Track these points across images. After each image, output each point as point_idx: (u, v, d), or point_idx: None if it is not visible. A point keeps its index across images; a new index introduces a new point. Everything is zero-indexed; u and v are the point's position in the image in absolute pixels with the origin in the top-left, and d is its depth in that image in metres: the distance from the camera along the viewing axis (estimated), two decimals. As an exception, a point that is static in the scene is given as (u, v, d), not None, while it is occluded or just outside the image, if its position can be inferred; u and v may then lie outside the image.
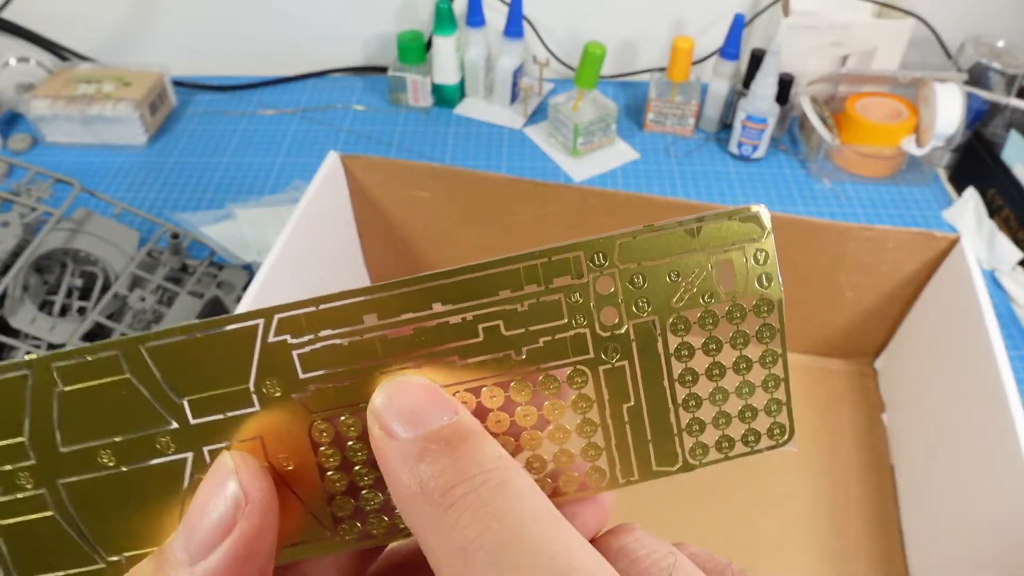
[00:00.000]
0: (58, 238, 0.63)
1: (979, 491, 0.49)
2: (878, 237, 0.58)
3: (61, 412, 0.18)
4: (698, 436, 0.20)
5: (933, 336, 0.59)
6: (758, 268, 0.19)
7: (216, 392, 0.18)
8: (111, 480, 0.18)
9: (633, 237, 0.19)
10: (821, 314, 0.65)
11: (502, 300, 0.18)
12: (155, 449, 0.18)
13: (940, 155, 0.89)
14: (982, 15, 0.98)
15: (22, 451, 0.18)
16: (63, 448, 0.18)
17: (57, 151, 0.93)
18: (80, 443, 0.18)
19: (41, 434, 0.18)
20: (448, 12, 0.92)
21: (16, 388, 0.18)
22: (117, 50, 1.06)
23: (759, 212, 0.19)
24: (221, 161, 0.92)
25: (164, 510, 0.18)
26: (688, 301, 0.19)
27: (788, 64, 0.91)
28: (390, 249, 0.71)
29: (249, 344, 0.18)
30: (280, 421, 0.18)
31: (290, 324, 0.18)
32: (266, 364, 0.18)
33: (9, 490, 0.18)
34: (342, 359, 0.18)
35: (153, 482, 0.18)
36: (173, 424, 0.18)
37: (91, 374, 0.18)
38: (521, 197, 0.63)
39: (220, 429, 0.18)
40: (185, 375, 0.18)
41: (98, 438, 0.18)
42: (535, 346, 0.19)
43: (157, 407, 0.18)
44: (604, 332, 0.19)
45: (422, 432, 0.17)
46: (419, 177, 0.64)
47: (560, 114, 0.92)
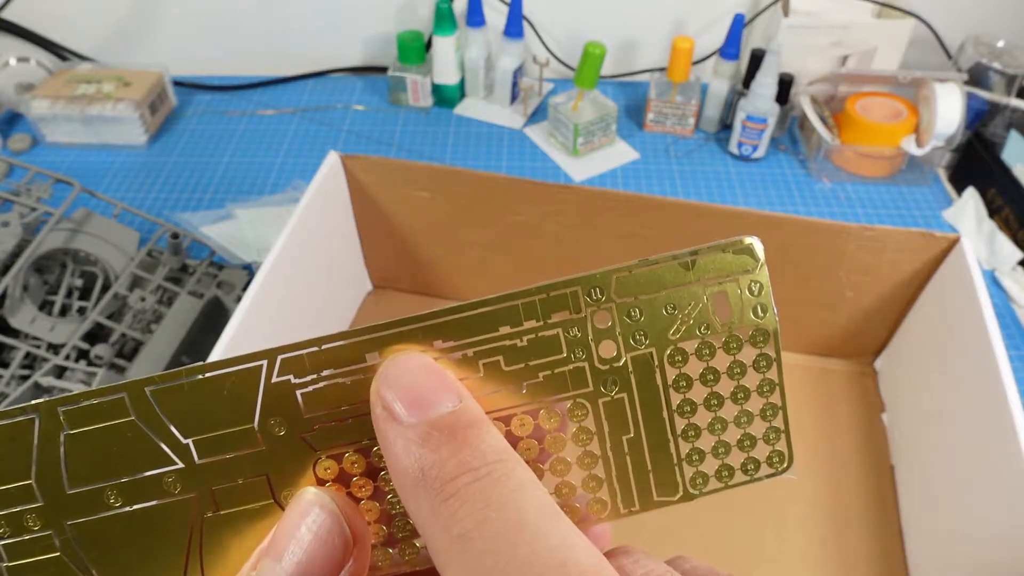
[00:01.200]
0: (58, 238, 0.63)
1: (979, 491, 0.49)
2: (878, 237, 0.58)
3: (67, 454, 0.18)
4: (698, 466, 0.20)
5: (933, 336, 0.59)
6: (753, 299, 0.19)
7: (221, 432, 0.18)
8: (118, 520, 0.18)
9: (629, 271, 0.19)
10: (821, 314, 0.65)
11: (502, 336, 0.19)
12: (161, 489, 0.18)
13: (940, 155, 0.89)
14: (982, 15, 0.98)
15: (29, 493, 0.18)
16: (70, 490, 0.18)
17: (57, 151, 0.93)
18: (87, 484, 0.18)
19: (48, 476, 0.18)
20: (448, 12, 0.92)
21: (23, 431, 0.18)
22: (117, 50, 1.06)
23: (752, 244, 0.19)
24: (221, 161, 0.92)
25: (171, 549, 0.19)
26: (685, 333, 0.19)
27: (788, 64, 0.91)
28: (390, 249, 0.71)
29: (253, 385, 0.18)
30: (285, 459, 0.19)
31: (293, 364, 0.18)
32: (270, 404, 0.18)
33: (17, 531, 0.18)
34: (345, 398, 0.19)
35: (160, 522, 0.18)
36: (179, 464, 0.18)
37: (97, 417, 0.18)
38: (521, 197, 0.63)
39: (226, 468, 0.19)
40: (190, 416, 0.18)
41: (104, 479, 0.18)
42: (535, 381, 0.19)
43: (163, 447, 0.18)
44: (603, 365, 0.19)
45: (426, 418, 0.17)
46: (419, 177, 0.64)
47: (560, 114, 0.92)
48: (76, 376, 0.57)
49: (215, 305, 0.64)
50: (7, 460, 0.18)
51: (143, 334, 0.61)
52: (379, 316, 0.75)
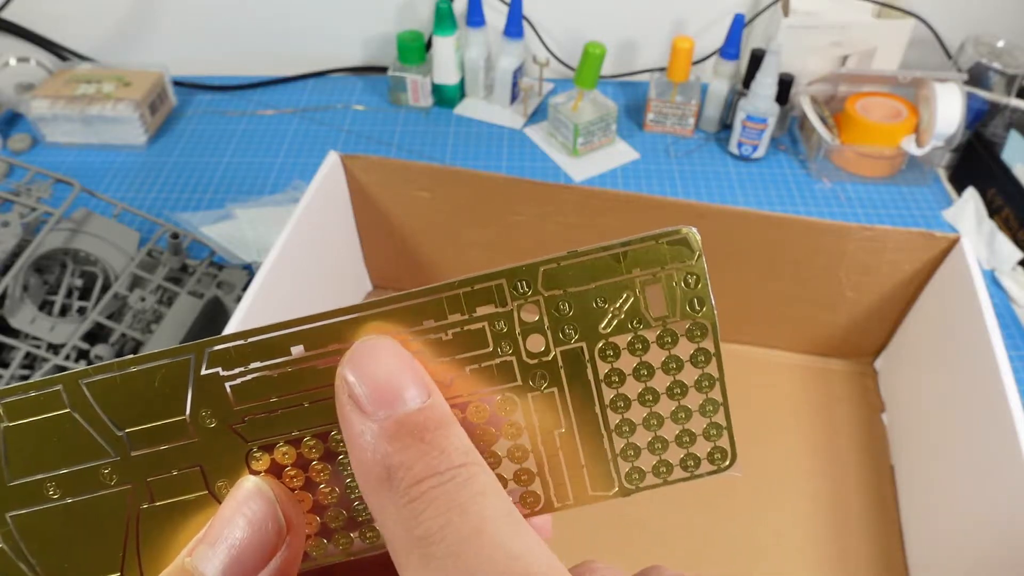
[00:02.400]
0: (58, 238, 0.63)
1: (979, 491, 0.49)
2: (878, 237, 0.58)
3: (7, 446, 0.18)
4: (633, 461, 0.20)
5: (933, 336, 0.59)
6: (689, 292, 0.19)
7: (155, 424, 0.18)
8: (58, 512, 0.18)
9: (557, 263, 0.19)
10: (821, 314, 0.65)
11: (427, 329, 0.19)
12: (98, 481, 0.18)
13: (940, 155, 0.89)
14: (982, 15, 0.98)
15: None
16: (11, 482, 0.18)
17: (57, 151, 0.93)
18: (27, 476, 0.18)
19: None
20: (448, 12, 0.92)
21: None
22: (117, 50, 1.06)
23: (688, 235, 0.19)
24: (221, 161, 0.92)
25: (108, 540, 0.19)
26: (616, 327, 0.19)
27: (788, 64, 0.91)
28: (390, 249, 0.71)
29: (184, 377, 0.18)
30: (218, 451, 0.19)
31: (221, 357, 0.18)
32: (201, 396, 0.18)
33: None
34: (274, 389, 0.18)
35: (98, 514, 0.19)
36: (114, 456, 0.18)
37: (34, 409, 0.18)
38: (521, 197, 0.63)
39: (160, 460, 0.19)
40: (124, 408, 0.18)
41: (44, 471, 0.18)
42: (461, 375, 0.19)
43: (99, 440, 0.18)
44: (531, 359, 0.19)
45: (394, 413, 0.17)
46: (419, 177, 0.64)
47: (560, 114, 0.92)
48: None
49: (215, 305, 0.64)
50: None
51: (143, 334, 0.61)
52: None
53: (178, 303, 0.63)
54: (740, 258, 0.62)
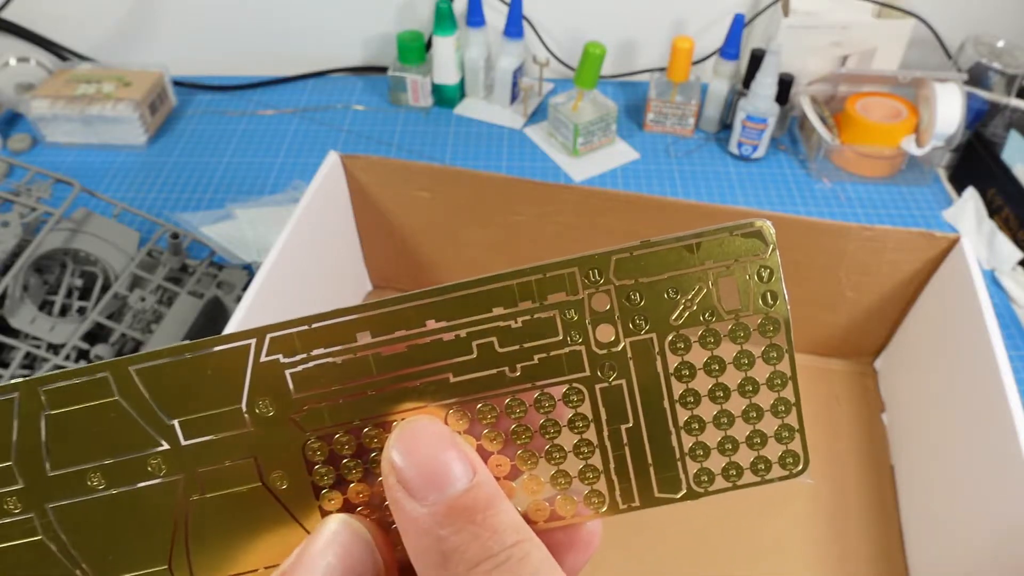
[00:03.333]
0: (58, 238, 0.63)
1: (979, 491, 0.49)
2: (878, 237, 0.58)
3: (49, 435, 0.17)
4: (703, 462, 0.19)
5: (933, 336, 0.59)
6: (762, 286, 0.18)
7: (208, 413, 0.18)
8: (101, 503, 0.18)
9: (630, 253, 0.18)
10: (821, 314, 0.65)
11: (496, 317, 0.18)
12: (146, 471, 0.18)
13: (940, 155, 0.89)
14: (982, 15, 0.98)
15: (10, 475, 0.18)
16: (51, 472, 0.18)
17: (57, 151, 0.93)
18: (68, 466, 0.18)
19: (29, 457, 0.18)
20: (448, 12, 0.92)
21: (3, 412, 0.17)
22: (117, 50, 1.06)
23: (763, 227, 0.18)
24: (221, 161, 0.92)
25: (155, 533, 0.18)
26: (688, 319, 0.18)
27: (788, 64, 0.91)
28: (390, 249, 0.71)
29: (241, 364, 0.18)
30: (274, 441, 0.18)
31: (282, 343, 0.18)
32: (258, 384, 0.18)
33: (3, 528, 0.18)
34: (336, 378, 0.18)
35: (145, 505, 0.18)
36: (164, 445, 0.18)
37: (79, 397, 0.18)
38: (521, 197, 0.63)
39: (212, 450, 0.18)
40: (175, 396, 0.18)
41: (87, 461, 0.18)
42: (530, 363, 0.18)
43: (147, 429, 0.18)
44: (600, 350, 0.18)
45: (443, 497, 0.17)
46: (419, 177, 0.64)
47: (560, 114, 0.92)
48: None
49: (215, 305, 0.64)
50: None
51: (143, 334, 0.61)
52: None
53: (178, 303, 0.63)
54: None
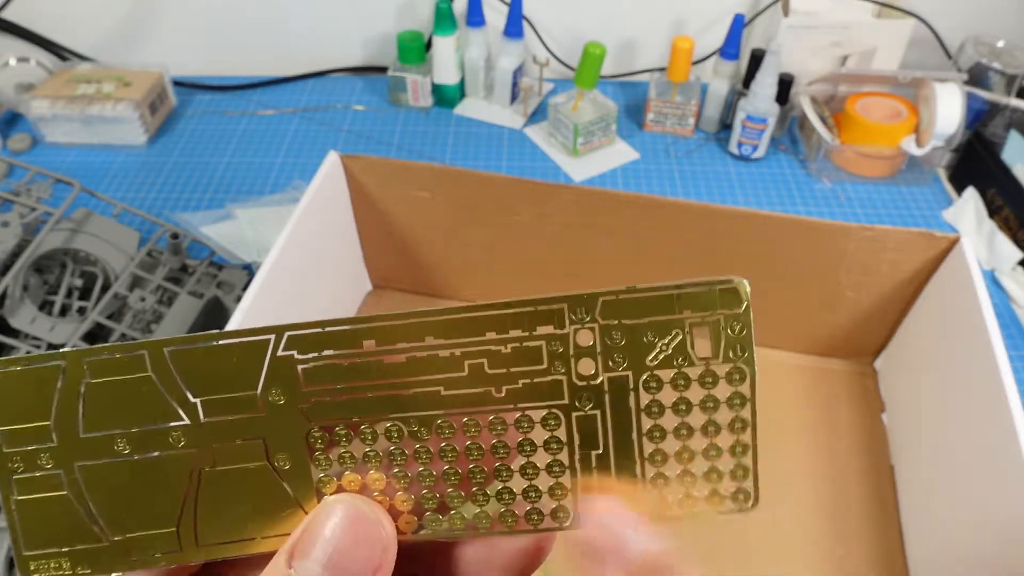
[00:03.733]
0: (58, 238, 0.63)
1: (979, 491, 0.49)
2: (878, 237, 0.58)
3: (86, 401, 0.20)
4: (662, 489, 0.20)
5: (933, 336, 0.59)
6: (733, 338, 0.20)
7: (227, 395, 0.20)
8: (124, 466, 0.20)
9: (616, 296, 0.20)
10: (821, 314, 0.65)
11: (488, 340, 0.20)
12: (167, 442, 0.20)
13: (940, 155, 0.89)
14: (982, 15, 0.98)
15: (46, 434, 0.20)
16: (84, 434, 0.20)
17: (57, 151, 0.93)
18: (99, 431, 0.20)
19: (65, 420, 0.20)
20: (448, 12, 0.92)
21: (49, 376, 0.20)
22: (117, 50, 1.06)
23: (738, 285, 0.20)
24: (221, 161, 0.92)
25: (168, 497, 0.20)
26: (663, 361, 0.20)
27: (788, 64, 0.91)
28: (390, 249, 0.71)
29: (260, 356, 0.20)
30: (281, 426, 0.20)
31: (298, 341, 0.20)
32: (273, 374, 0.20)
33: (30, 468, 0.20)
34: (340, 377, 0.20)
35: (162, 471, 0.20)
36: (186, 420, 0.20)
37: (117, 370, 0.20)
38: (521, 197, 0.63)
39: (228, 429, 0.20)
40: (201, 378, 0.20)
41: (116, 427, 0.20)
42: (514, 386, 0.20)
43: (174, 404, 0.20)
44: (580, 381, 0.20)
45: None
46: (419, 177, 0.64)
47: (560, 114, 0.92)
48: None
49: (215, 305, 0.64)
50: (31, 401, 0.20)
51: (143, 334, 0.61)
52: None
53: (178, 303, 0.63)
54: (740, 258, 0.62)
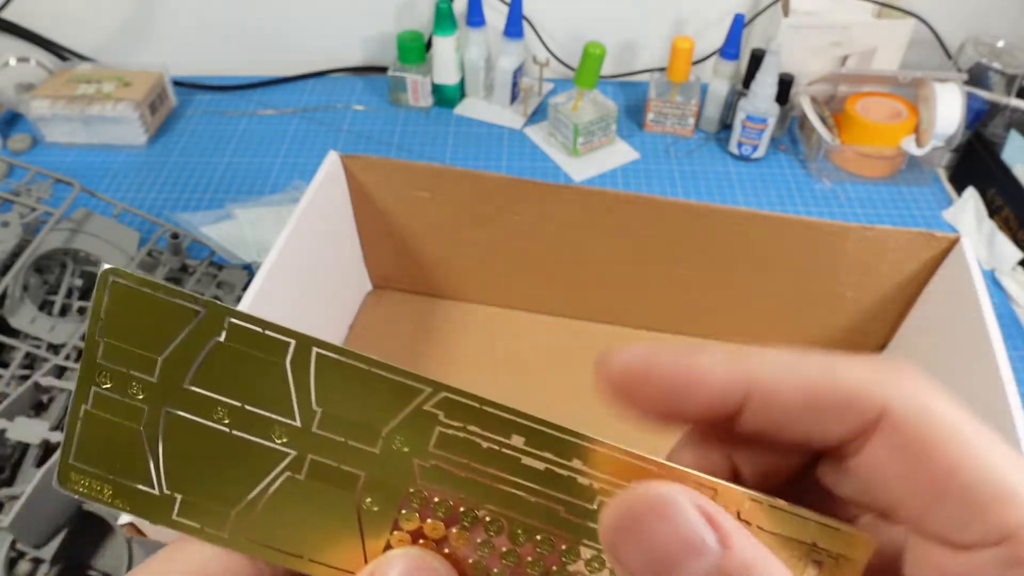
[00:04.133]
0: (58, 238, 0.63)
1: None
2: (878, 237, 0.58)
3: (207, 357, 0.18)
4: None
5: (933, 336, 0.59)
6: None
7: (352, 420, 0.19)
8: (213, 434, 0.19)
9: (765, 504, 0.19)
10: (820, 315, 0.65)
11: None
12: (268, 432, 0.19)
13: (940, 155, 0.89)
14: (982, 15, 0.98)
15: (150, 366, 0.19)
16: (187, 385, 0.19)
17: (57, 151, 0.93)
18: (206, 390, 0.19)
19: (177, 364, 0.18)
20: (448, 12, 0.92)
21: (182, 316, 0.18)
22: (117, 50, 1.06)
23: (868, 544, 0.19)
24: (221, 161, 0.92)
25: (241, 482, 0.19)
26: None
27: (788, 64, 0.91)
28: (390, 249, 0.71)
29: (406, 401, 0.19)
30: (389, 471, 0.19)
31: (450, 405, 0.18)
32: (408, 423, 0.19)
33: (117, 390, 0.19)
34: (473, 456, 0.19)
35: (248, 456, 0.19)
36: (296, 423, 0.19)
37: (256, 344, 0.18)
38: (521, 197, 0.63)
39: (334, 449, 0.19)
40: (335, 391, 0.19)
41: (224, 395, 0.19)
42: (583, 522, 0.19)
43: (293, 402, 0.19)
44: None
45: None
46: (419, 177, 0.64)
47: (560, 114, 0.92)
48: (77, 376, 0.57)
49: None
50: (151, 330, 0.18)
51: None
52: (380, 315, 0.74)
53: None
54: (740, 258, 0.62)
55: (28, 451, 0.53)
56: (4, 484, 0.53)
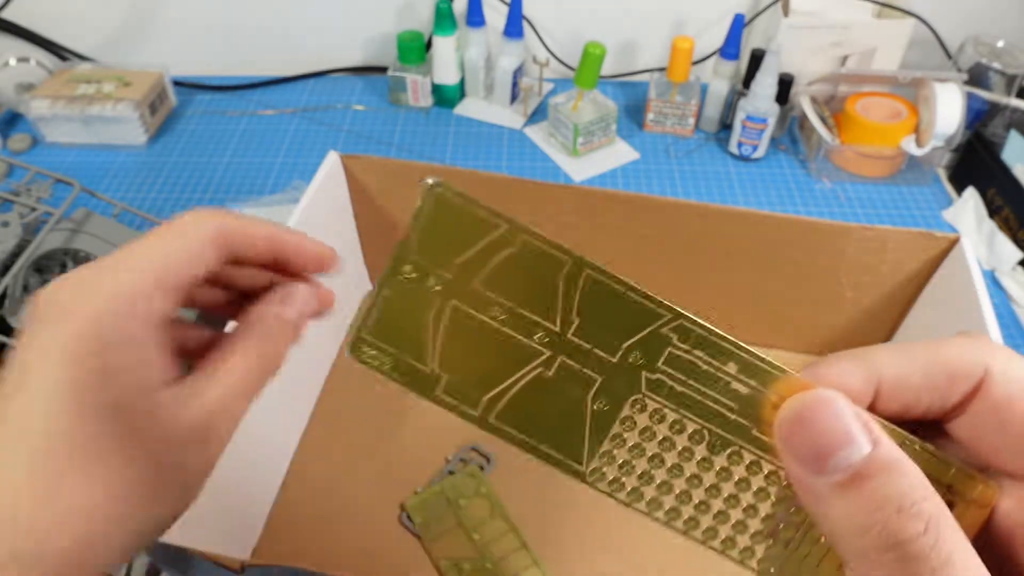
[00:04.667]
0: (58, 238, 0.63)
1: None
2: (878, 237, 0.58)
3: (498, 265, 0.22)
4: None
5: (933, 336, 0.59)
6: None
7: (601, 331, 0.22)
8: (485, 328, 0.22)
9: (923, 449, 0.22)
10: (821, 314, 0.65)
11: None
12: (531, 333, 0.22)
13: (940, 155, 0.89)
14: (982, 15, 0.98)
15: (449, 266, 0.22)
16: (477, 285, 0.22)
17: (57, 151, 0.93)
18: (491, 291, 0.22)
19: (472, 266, 0.22)
20: (448, 12, 0.92)
21: (484, 228, 0.22)
22: (117, 50, 1.06)
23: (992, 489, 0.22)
24: (221, 161, 0.92)
25: (498, 371, 0.22)
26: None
27: (788, 64, 0.91)
28: (390, 249, 0.70)
29: (649, 322, 0.22)
30: (622, 379, 0.22)
31: (683, 331, 0.22)
32: (647, 341, 0.22)
33: (416, 281, 0.22)
34: (694, 375, 0.22)
35: (510, 350, 0.22)
36: (556, 328, 0.22)
37: (535, 259, 0.22)
38: (521, 197, 0.63)
39: (582, 354, 0.22)
40: (593, 306, 0.22)
41: (504, 298, 0.22)
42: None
43: (558, 310, 0.22)
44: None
45: (839, 474, 0.19)
46: (419, 177, 0.64)
47: (560, 114, 0.92)
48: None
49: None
50: (456, 236, 0.22)
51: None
52: None
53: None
54: (740, 258, 0.62)
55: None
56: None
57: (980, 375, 0.21)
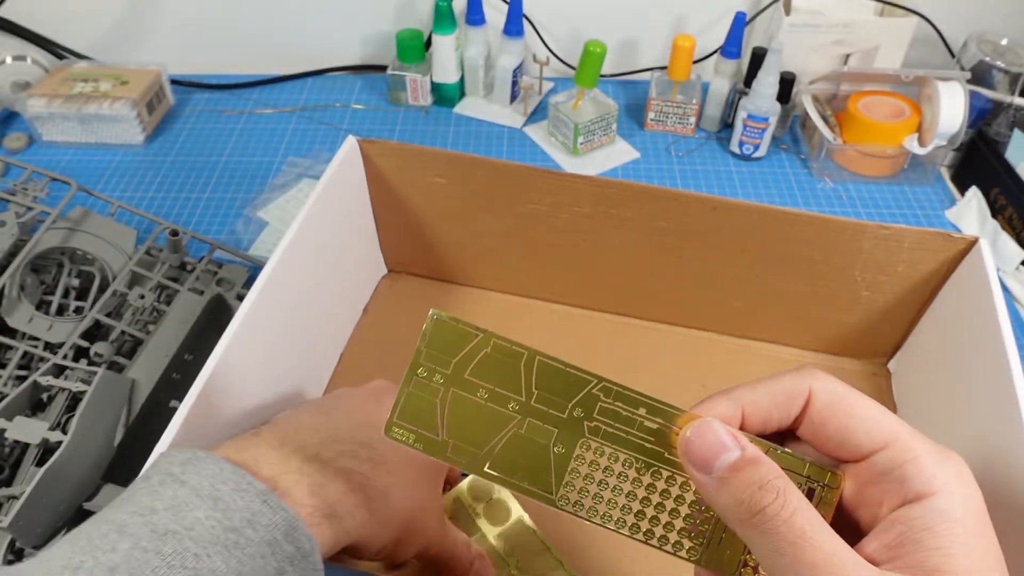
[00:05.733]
0: (55, 237, 0.62)
1: (992, 495, 0.48)
2: (894, 236, 0.57)
3: (480, 361, 0.30)
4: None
5: (948, 338, 0.59)
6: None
7: (553, 397, 0.30)
8: (475, 405, 0.30)
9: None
10: (835, 313, 0.64)
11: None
12: (507, 404, 0.30)
13: (943, 154, 0.88)
14: (985, 13, 0.98)
15: (447, 364, 0.29)
16: (467, 376, 0.29)
17: (54, 150, 0.92)
18: (477, 379, 0.30)
19: (463, 363, 0.29)
20: (448, 10, 0.91)
21: (468, 336, 0.30)
22: (114, 48, 1.05)
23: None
24: (219, 160, 0.91)
25: (488, 434, 0.30)
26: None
27: (790, 63, 0.91)
28: (405, 234, 0.70)
29: (582, 387, 0.30)
30: (570, 429, 0.30)
31: (607, 391, 0.30)
32: (584, 400, 0.30)
33: (427, 378, 0.29)
34: (620, 421, 0.30)
35: (494, 419, 0.30)
36: (523, 399, 0.30)
37: (505, 355, 0.30)
38: (536, 186, 0.62)
39: (542, 415, 0.30)
40: (545, 382, 0.30)
41: (487, 383, 0.30)
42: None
43: (523, 386, 0.30)
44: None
45: (721, 472, 0.27)
46: (435, 163, 0.64)
47: (560, 113, 0.91)
48: (76, 375, 0.56)
49: (218, 302, 0.63)
50: (451, 344, 0.30)
51: (143, 332, 0.60)
52: (394, 299, 0.74)
53: (179, 300, 0.62)
54: (753, 253, 0.61)
55: (27, 451, 0.52)
56: (3, 484, 0.52)
57: (807, 393, 0.29)
